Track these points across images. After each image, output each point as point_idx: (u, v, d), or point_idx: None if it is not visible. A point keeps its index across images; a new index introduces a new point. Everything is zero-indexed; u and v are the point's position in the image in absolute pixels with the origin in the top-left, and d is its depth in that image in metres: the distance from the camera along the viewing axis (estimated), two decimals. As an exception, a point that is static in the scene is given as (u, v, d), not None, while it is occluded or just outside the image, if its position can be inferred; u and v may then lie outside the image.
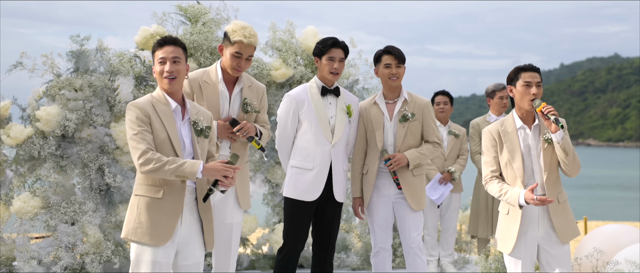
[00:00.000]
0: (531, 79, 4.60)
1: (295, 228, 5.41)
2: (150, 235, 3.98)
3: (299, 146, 5.41)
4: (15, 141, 7.02)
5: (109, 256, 6.96)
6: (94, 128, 7.15)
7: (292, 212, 5.42)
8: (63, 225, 6.99)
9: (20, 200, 6.97)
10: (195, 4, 7.68)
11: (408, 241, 5.52)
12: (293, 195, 5.40)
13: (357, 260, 7.59)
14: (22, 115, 7.26)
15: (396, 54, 5.49)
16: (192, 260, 4.13)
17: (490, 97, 7.54)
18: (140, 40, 7.48)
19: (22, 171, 7.23)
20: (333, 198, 5.44)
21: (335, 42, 5.43)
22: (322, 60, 5.43)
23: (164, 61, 4.11)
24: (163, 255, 4.00)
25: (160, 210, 4.00)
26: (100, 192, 7.26)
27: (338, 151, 5.43)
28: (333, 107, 5.45)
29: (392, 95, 5.58)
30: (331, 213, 5.48)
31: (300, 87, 5.52)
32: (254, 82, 5.30)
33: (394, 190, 5.52)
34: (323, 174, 5.37)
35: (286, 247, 5.44)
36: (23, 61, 7.16)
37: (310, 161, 5.37)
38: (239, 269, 7.60)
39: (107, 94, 7.23)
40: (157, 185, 4.02)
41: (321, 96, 5.42)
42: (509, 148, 4.59)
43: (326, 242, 5.48)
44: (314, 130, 5.36)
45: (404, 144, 5.48)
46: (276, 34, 7.79)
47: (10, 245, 7.02)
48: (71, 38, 7.24)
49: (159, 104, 4.08)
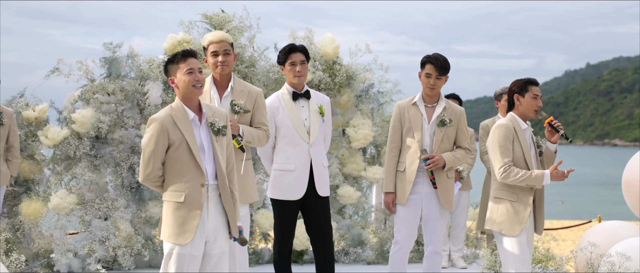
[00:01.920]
0: (538, 93, 5.22)
1: (284, 226, 5.77)
2: (176, 235, 4.40)
3: (280, 150, 5.76)
4: (52, 141, 7.51)
5: (139, 249, 7.41)
6: (125, 130, 7.63)
7: (280, 212, 5.78)
8: (97, 220, 7.46)
9: (57, 197, 7.44)
10: (220, 13, 8.13)
11: (432, 237, 5.82)
12: (278, 196, 5.76)
13: (372, 255, 8.00)
14: (58, 117, 7.79)
15: (438, 66, 5.69)
16: (218, 250, 4.53)
17: (498, 100, 7.92)
18: (168, 47, 7.94)
19: (59, 169, 7.73)
20: (317, 194, 5.77)
21: (292, 48, 5.76)
22: (285, 66, 5.78)
23: (191, 71, 4.49)
24: (191, 249, 4.41)
25: (183, 212, 4.41)
26: (131, 189, 7.74)
27: (316, 150, 5.77)
28: (306, 109, 5.79)
29: (431, 99, 5.83)
30: (319, 208, 5.80)
31: (273, 96, 5.87)
32: (247, 86, 5.66)
33: (427, 188, 5.79)
34: (304, 173, 5.71)
35: (279, 243, 5.81)
36: (60, 67, 7.67)
37: (291, 163, 5.72)
38: (260, 262, 8.02)
39: (138, 98, 7.70)
40: (179, 190, 4.43)
41: (293, 101, 5.77)
42: (522, 145, 5.14)
43: (323, 238, 5.79)
44: (291, 133, 5.72)
45: (440, 148, 5.77)
46: (295, 40, 8.20)
47: (48, 239, 7.49)
48: (104, 45, 7.74)
49: (178, 116, 4.46)
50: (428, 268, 5.88)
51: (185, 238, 4.37)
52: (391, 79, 8.39)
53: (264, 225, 7.94)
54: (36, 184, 7.82)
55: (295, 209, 5.76)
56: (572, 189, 34.77)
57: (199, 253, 4.45)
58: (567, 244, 13.35)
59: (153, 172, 4.42)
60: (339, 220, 8.23)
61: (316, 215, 5.77)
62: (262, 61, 8.18)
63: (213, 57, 5.51)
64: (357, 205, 8.36)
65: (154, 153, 4.39)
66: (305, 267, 7.75)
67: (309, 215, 5.79)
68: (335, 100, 8.23)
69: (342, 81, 8.13)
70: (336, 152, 8.28)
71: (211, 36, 5.55)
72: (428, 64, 5.70)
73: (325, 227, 5.79)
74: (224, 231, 4.55)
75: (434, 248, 5.84)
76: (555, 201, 27.34)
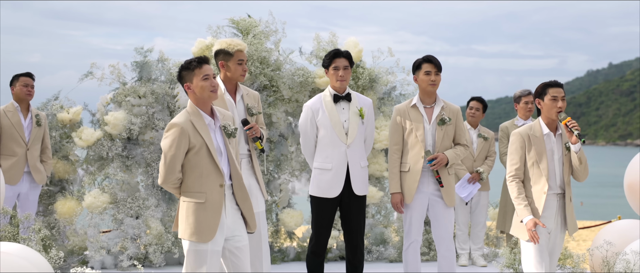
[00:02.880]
0: (557, 94, 5.29)
1: (321, 222, 6.04)
2: (198, 234, 4.62)
3: (320, 149, 6.04)
4: (86, 142, 7.80)
5: (169, 247, 7.68)
6: (155, 131, 7.90)
7: (318, 208, 6.05)
8: (129, 218, 7.74)
9: (90, 196, 7.73)
10: (247, 18, 8.37)
11: (441, 233, 6.06)
12: (317, 193, 6.03)
13: (394, 253, 8.22)
14: (92, 119, 8.08)
15: (436, 63, 6.05)
16: (241, 243, 4.78)
17: (517, 102, 8.12)
18: (197, 50, 8.19)
19: (92, 170, 8.02)
20: (354, 193, 6.02)
21: (337, 53, 6.03)
22: (329, 70, 6.05)
23: (208, 77, 4.69)
24: (213, 244, 4.66)
25: (205, 212, 4.64)
26: (162, 189, 8.00)
27: (354, 151, 6.02)
28: (346, 111, 6.05)
29: (429, 100, 6.12)
30: (355, 206, 6.05)
31: (316, 98, 6.15)
32: (250, 90, 5.98)
33: (432, 187, 6.05)
34: (341, 172, 5.98)
35: (314, 238, 6.07)
36: (93, 71, 7.96)
37: (329, 162, 5.98)
38: (286, 260, 8.26)
39: (168, 101, 7.97)
40: (200, 191, 4.65)
41: (334, 103, 6.04)
42: (537, 150, 5.26)
43: (355, 235, 6.05)
44: (330, 134, 5.98)
45: (441, 146, 6.04)
46: (320, 44, 8.44)
47: (82, 236, 7.78)
48: (135, 50, 8.02)
49: (196, 121, 4.67)
50: (444, 267, 6.11)
51: (208, 236, 4.60)
52: (413, 82, 8.59)
53: (289, 223, 8.19)
54: (70, 184, 8.12)
55: (332, 206, 6.01)
56: (593, 190, 34.72)
57: (219, 248, 4.68)
58: (586, 244, 13.47)
59: (174, 175, 4.60)
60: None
61: (351, 213, 6.03)
62: (287, 65, 8.41)
63: (240, 64, 5.81)
64: (380, 205, 8.59)
65: (175, 158, 4.57)
66: (329, 265, 7.95)
67: (345, 212, 6.04)
68: (359, 102, 8.45)
69: (365, 83, 8.35)
70: (359, 153, 8.50)
71: (243, 45, 5.82)
72: (425, 63, 6.04)
73: (359, 226, 6.06)
74: (241, 227, 4.80)
75: (447, 246, 6.07)
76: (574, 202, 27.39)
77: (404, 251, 6.17)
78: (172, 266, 7.79)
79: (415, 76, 6.13)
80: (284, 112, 8.32)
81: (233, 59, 5.82)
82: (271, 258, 7.93)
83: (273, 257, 8.04)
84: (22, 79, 7.50)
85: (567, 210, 5.29)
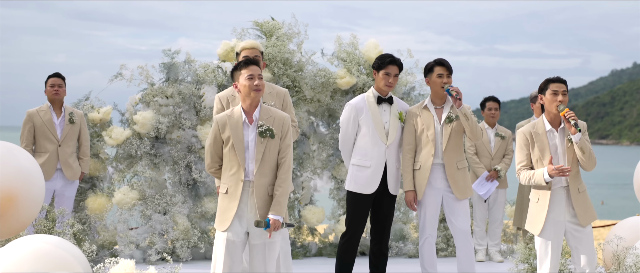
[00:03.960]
0: (558, 88, 5.45)
1: (356, 216, 6.30)
2: (218, 222, 5.02)
3: (359, 147, 6.30)
4: (116, 141, 8.09)
5: (195, 242, 7.95)
6: (182, 130, 8.17)
7: (354, 203, 6.31)
8: (156, 214, 8.00)
9: (120, 193, 8.00)
10: (270, 20, 8.62)
11: (458, 226, 6.29)
12: (354, 189, 6.29)
13: (413, 249, 8.45)
14: (121, 119, 8.36)
15: (447, 66, 6.29)
16: (260, 240, 4.99)
17: (533, 102, 8.33)
18: (222, 52, 8.46)
19: (122, 167, 8.30)
20: (388, 191, 6.30)
21: (393, 60, 6.29)
22: (379, 73, 6.30)
23: (252, 77, 4.99)
24: (233, 235, 4.95)
25: (225, 202, 5.01)
26: (188, 186, 8.28)
27: (392, 151, 6.30)
28: (387, 114, 6.32)
29: (439, 101, 6.36)
30: (387, 204, 6.34)
31: (359, 97, 6.40)
32: (275, 88, 6.16)
33: (443, 183, 6.28)
34: (379, 170, 6.24)
35: (348, 232, 6.34)
36: (122, 72, 8.25)
37: (368, 160, 6.24)
38: (307, 255, 8.51)
39: (194, 101, 8.24)
40: (225, 183, 5.02)
41: (377, 105, 6.30)
42: (539, 147, 5.45)
43: (382, 228, 6.35)
44: (371, 133, 6.24)
45: (449, 142, 6.27)
46: (341, 46, 8.67)
47: (112, 232, 8.07)
48: (163, 52, 8.29)
49: (231, 116, 5.01)
50: (462, 260, 6.33)
51: (224, 225, 4.95)
52: (432, 83, 8.80)
53: (311, 220, 8.43)
54: (101, 181, 8.41)
55: (367, 202, 6.27)
56: (614, 190, 34.64)
57: (239, 239, 4.95)
58: (605, 242, 13.53)
59: (211, 163, 5.10)
60: (382, 215, 8.69)
61: (382, 209, 6.30)
62: (309, 65, 8.64)
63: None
64: (399, 202, 8.81)
65: (211, 147, 5.06)
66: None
67: (377, 208, 6.31)
68: (379, 102, 8.67)
69: (385, 84, 8.56)
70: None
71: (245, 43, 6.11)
72: (437, 67, 6.26)
73: (388, 223, 6.35)
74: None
75: (464, 239, 6.27)
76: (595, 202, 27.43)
77: (420, 246, 6.41)
78: (198, 260, 8.05)
79: (427, 79, 6.36)
80: (306, 112, 8.57)
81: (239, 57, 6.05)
82: (293, 253, 8.17)
83: (295, 252, 8.29)
84: (50, 80, 7.81)
85: (575, 201, 5.39)
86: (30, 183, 5.18)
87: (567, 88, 5.54)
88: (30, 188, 5.18)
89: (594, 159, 5.39)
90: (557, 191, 5.45)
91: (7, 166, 4.99)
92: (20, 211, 5.31)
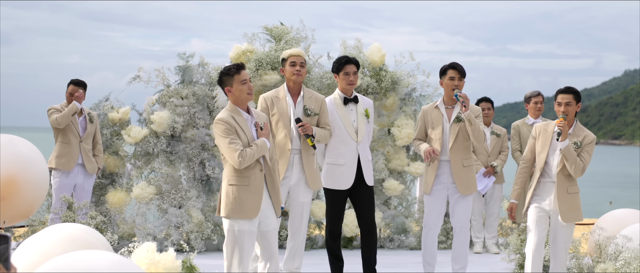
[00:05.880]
0: (561, 100, 5.96)
1: (335, 211, 6.68)
2: (244, 212, 5.31)
3: (331, 147, 6.65)
4: (134, 139, 8.56)
5: (209, 234, 8.41)
6: (196, 129, 8.65)
7: (331, 199, 6.69)
8: (172, 208, 8.46)
9: (138, 188, 8.46)
10: (279, 25, 9.10)
11: (456, 219, 6.69)
12: (330, 186, 6.64)
13: (414, 241, 8.91)
14: (139, 118, 8.85)
15: (459, 70, 6.63)
16: (271, 226, 5.46)
17: (527, 102, 8.79)
18: (234, 56, 8.93)
19: (139, 164, 8.77)
20: (364, 183, 6.63)
21: (348, 60, 6.61)
22: (340, 75, 6.61)
23: (245, 81, 5.36)
24: (251, 225, 5.35)
25: (249, 194, 5.33)
26: (202, 182, 8.75)
27: (363, 147, 6.64)
28: (354, 112, 6.64)
29: (451, 102, 6.72)
30: (364, 195, 6.66)
31: (326, 100, 6.67)
32: (315, 94, 6.57)
33: (449, 178, 6.64)
34: (353, 167, 6.58)
35: (329, 225, 6.72)
36: (140, 75, 8.74)
37: (342, 158, 6.58)
38: (314, 247, 8.96)
39: (207, 101, 8.72)
40: (245, 175, 5.34)
41: (344, 105, 6.63)
42: (542, 143, 6.02)
43: (366, 218, 6.65)
44: (342, 133, 6.59)
45: (456, 140, 6.63)
46: (346, 50, 9.13)
47: (131, 224, 8.54)
48: (178, 55, 8.76)
49: (236, 116, 5.38)
50: (456, 251, 6.73)
51: (252, 214, 5.28)
52: (432, 84, 9.27)
53: (317, 213, 8.88)
54: (120, 177, 8.89)
55: (344, 197, 6.66)
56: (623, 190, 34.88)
57: (255, 229, 5.37)
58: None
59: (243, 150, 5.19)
60: (385, 210, 9.16)
61: (362, 201, 6.66)
62: (317, 68, 9.10)
63: (291, 66, 6.43)
64: (401, 197, 9.27)
65: (233, 140, 5.21)
66: (354, 252, 8.63)
67: (356, 200, 6.67)
68: (381, 103, 9.13)
69: (387, 85, 9.03)
70: (382, 149, 9.19)
71: (292, 50, 6.50)
72: (450, 70, 6.60)
73: (369, 212, 6.68)
74: (272, 211, 5.48)
75: (459, 232, 6.68)
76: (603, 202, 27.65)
77: (423, 236, 6.79)
78: (211, 251, 8.51)
79: (441, 81, 6.69)
80: (313, 112, 9.03)
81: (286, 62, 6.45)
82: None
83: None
84: (70, 88, 8.24)
85: (560, 198, 5.88)
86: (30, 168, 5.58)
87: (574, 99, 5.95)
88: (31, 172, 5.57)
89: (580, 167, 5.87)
90: (547, 184, 6.00)
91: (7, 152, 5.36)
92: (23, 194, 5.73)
